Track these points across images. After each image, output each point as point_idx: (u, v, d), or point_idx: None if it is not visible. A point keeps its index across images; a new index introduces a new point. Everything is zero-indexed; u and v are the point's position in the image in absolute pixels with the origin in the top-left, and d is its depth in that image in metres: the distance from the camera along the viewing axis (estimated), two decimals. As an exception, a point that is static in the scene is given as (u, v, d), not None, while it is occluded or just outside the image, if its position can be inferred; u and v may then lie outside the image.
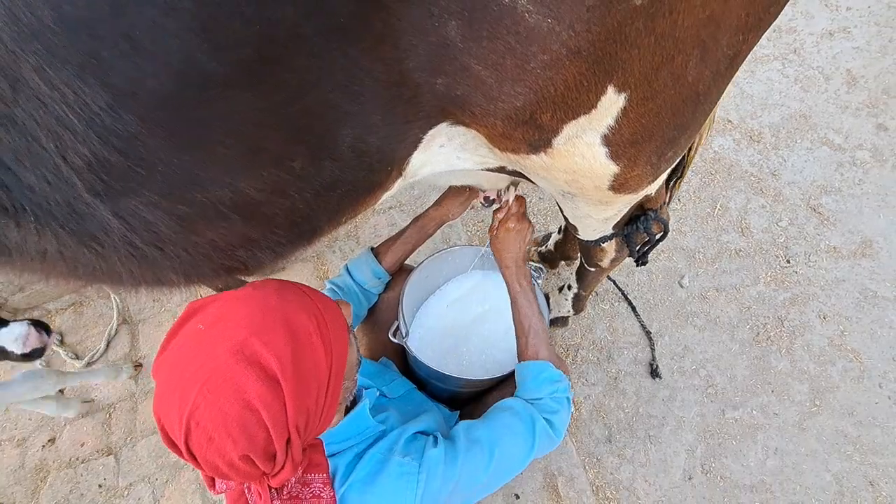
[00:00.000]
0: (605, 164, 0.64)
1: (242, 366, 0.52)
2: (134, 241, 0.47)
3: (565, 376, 0.88)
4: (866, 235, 1.78)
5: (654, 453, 1.52)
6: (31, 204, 0.42)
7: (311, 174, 0.51)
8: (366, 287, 1.12)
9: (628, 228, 1.00)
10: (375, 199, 0.68)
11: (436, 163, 0.69)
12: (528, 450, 0.78)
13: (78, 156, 0.39)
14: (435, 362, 1.05)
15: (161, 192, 0.44)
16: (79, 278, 0.54)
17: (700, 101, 0.62)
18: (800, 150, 1.97)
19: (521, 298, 0.97)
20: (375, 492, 0.69)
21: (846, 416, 1.53)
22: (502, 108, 0.53)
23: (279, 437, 0.53)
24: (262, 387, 0.52)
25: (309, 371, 0.56)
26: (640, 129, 0.60)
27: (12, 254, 0.47)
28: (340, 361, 0.62)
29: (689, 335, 1.67)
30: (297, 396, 0.54)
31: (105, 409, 1.70)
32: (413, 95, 0.52)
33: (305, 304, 0.61)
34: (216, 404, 0.51)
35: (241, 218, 0.51)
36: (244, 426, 0.51)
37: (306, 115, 0.46)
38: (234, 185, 0.46)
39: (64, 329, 1.85)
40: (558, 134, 0.58)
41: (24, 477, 1.62)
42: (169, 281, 0.58)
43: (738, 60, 0.61)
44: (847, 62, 2.14)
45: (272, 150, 0.46)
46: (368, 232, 1.93)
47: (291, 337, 0.55)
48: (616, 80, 0.51)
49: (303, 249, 0.70)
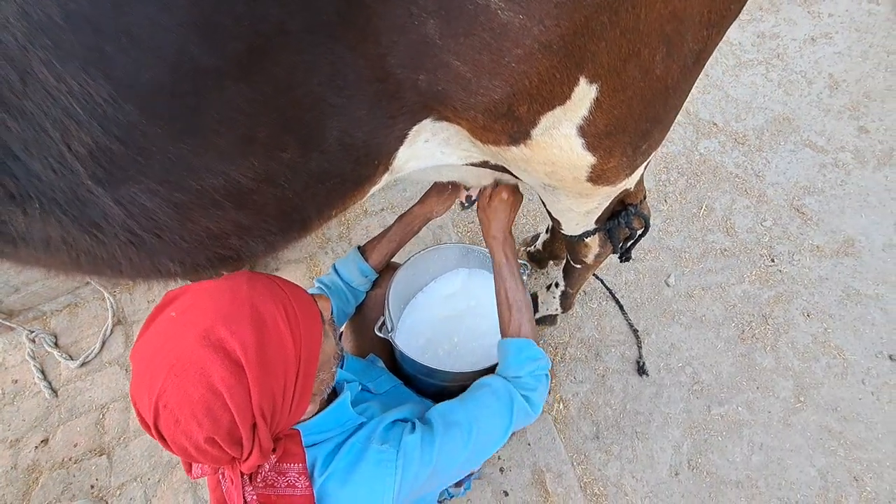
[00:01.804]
0: (581, 154, 0.67)
1: (208, 351, 0.55)
2: (133, 228, 0.50)
3: (545, 354, 0.90)
4: (848, 235, 1.83)
5: (641, 449, 1.54)
6: (37, 192, 0.44)
7: (300, 165, 0.54)
8: (353, 285, 1.15)
9: (610, 223, 1.03)
10: (363, 193, 0.71)
11: (421, 157, 0.72)
12: (505, 427, 0.79)
13: (81, 144, 0.41)
14: (421, 357, 1.07)
15: (159, 179, 0.46)
16: (80, 268, 0.56)
17: (670, 94, 0.65)
18: (783, 152, 2.02)
19: (506, 270, 0.97)
20: (355, 480, 0.70)
21: (830, 412, 1.56)
22: (481, 102, 0.56)
23: (244, 421, 0.56)
24: (225, 372, 0.54)
25: (275, 358, 0.58)
26: (614, 120, 0.63)
27: (17, 243, 0.49)
28: (311, 351, 0.64)
29: (676, 333, 1.70)
30: (262, 382, 0.56)
31: (98, 409, 1.71)
32: (396, 91, 0.55)
33: (274, 294, 0.63)
34: (182, 388, 0.54)
35: (234, 206, 0.53)
36: (209, 409, 0.54)
37: (295, 107, 0.49)
38: (227, 173, 0.49)
39: (58, 331, 1.85)
40: (536, 125, 0.61)
41: (16, 478, 1.62)
42: (166, 270, 0.60)
43: (704, 55, 0.65)
44: (829, 66, 2.21)
45: (263, 140, 0.49)
46: (360, 234, 1.95)
47: (258, 325, 0.58)
48: (587, 72, 0.54)
49: (294, 241, 0.73)
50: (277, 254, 1.90)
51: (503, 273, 0.97)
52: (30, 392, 1.75)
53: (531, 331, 0.92)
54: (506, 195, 1.00)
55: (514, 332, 0.92)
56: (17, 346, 1.82)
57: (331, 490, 0.69)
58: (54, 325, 1.86)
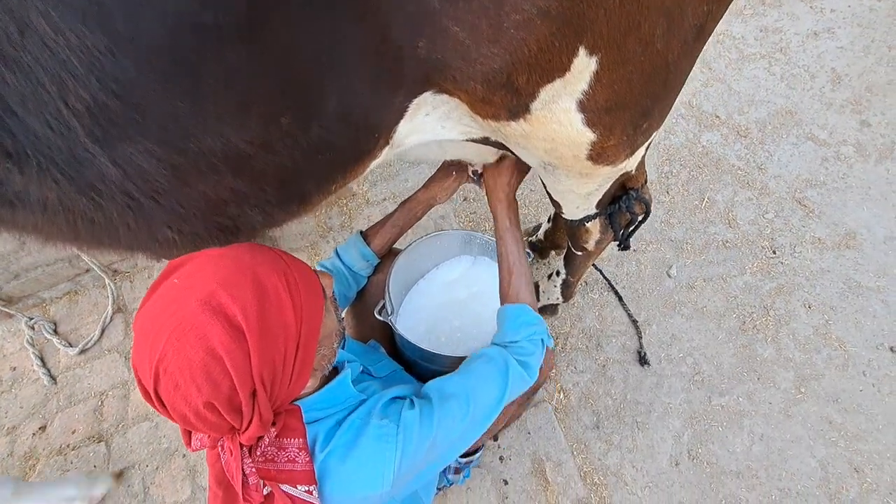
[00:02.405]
0: (581, 131, 0.66)
1: (208, 315, 0.55)
2: (131, 191, 0.49)
3: (543, 319, 0.89)
4: (850, 227, 1.82)
5: (641, 439, 1.54)
6: (34, 150, 0.44)
7: (298, 132, 0.54)
8: (354, 269, 1.14)
9: (611, 208, 1.03)
10: (363, 167, 0.71)
11: (421, 132, 0.72)
12: (500, 395, 0.79)
13: (79, 100, 0.41)
14: (421, 342, 1.06)
15: (156, 139, 0.46)
16: (78, 236, 0.56)
17: (671, 71, 0.65)
18: (785, 145, 2.01)
19: (508, 235, 0.96)
20: (355, 455, 0.70)
21: (831, 403, 1.56)
22: (480, 71, 0.56)
23: (243, 386, 0.55)
24: (225, 336, 0.54)
25: (275, 326, 0.58)
26: (614, 95, 0.63)
27: (14, 205, 0.49)
28: (312, 323, 0.64)
29: (677, 324, 1.70)
30: (262, 349, 0.56)
31: (97, 396, 1.71)
32: (396, 59, 0.55)
33: (277, 265, 0.63)
34: (182, 352, 0.54)
35: (231, 171, 0.53)
36: (208, 373, 0.54)
37: (294, 71, 0.48)
38: (224, 136, 0.49)
39: (58, 318, 1.86)
40: (535, 98, 0.60)
41: (12, 465, 1.62)
42: (164, 238, 0.60)
43: (704, 32, 0.64)
44: (831, 61, 2.20)
45: (261, 104, 0.49)
46: (362, 223, 1.95)
47: (259, 292, 0.58)
48: (587, 42, 0.54)
49: (293, 216, 0.72)
50: (277, 229, 1.89)
51: (506, 237, 0.96)
52: (28, 379, 1.75)
53: (529, 297, 0.92)
54: (512, 156, 0.97)
55: (513, 297, 0.92)
56: (17, 333, 1.82)
57: (332, 466, 0.69)
58: (54, 312, 1.86)
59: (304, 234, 1.97)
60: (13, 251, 1.64)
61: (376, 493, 0.70)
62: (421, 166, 2.08)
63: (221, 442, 0.66)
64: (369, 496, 0.70)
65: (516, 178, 1.00)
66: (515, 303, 0.92)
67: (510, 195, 0.99)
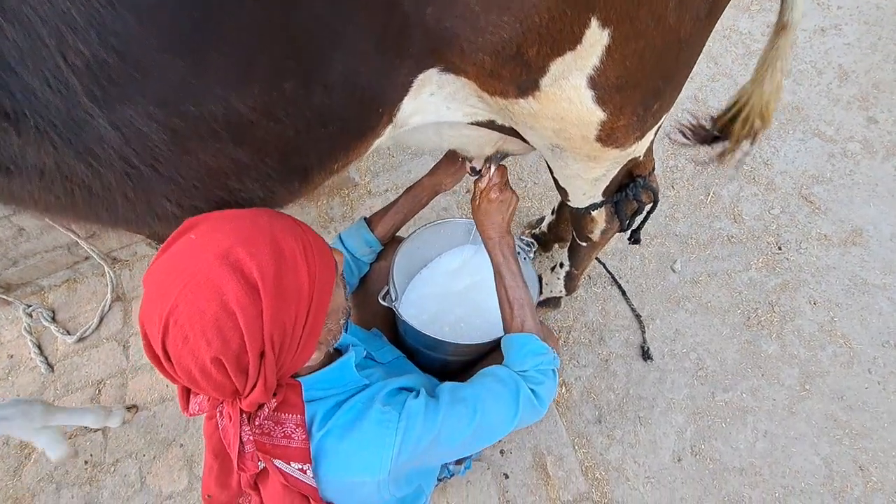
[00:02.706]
0: (591, 109, 0.65)
1: (224, 269, 0.53)
2: (129, 157, 0.48)
3: (551, 349, 0.87)
4: (856, 224, 1.80)
5: (643, 434, 1.52)
6: (33, 111, 0.42)
7: (301, 99, 0.52)
8: (357, 255, 1.13)
9: (618, 196, 1.01)
10: (366, 145, 0.69)
11: (426, 112, 0.70)
12: (511, 415, 0.77)
13: (78, 56, 0.40)
14: (424, 328, 1.05)
15: (156, 100, 0.45)
16: (75, 207, 0.54)
17: (682, 49, 0.63)
18: (792, 141, 1.99)
19: (504, 269, 0.95)
20: (354, 438, 0.69)
21: (836, 401, 1.54)
22: (490, 41, 0.54)
23: (253, 345, 0.54)
24: (241, 291, 0.53)
25: (290, 289, 0.57)
26: (626, 72, 0.61)
27: (11, 172, 0.48)
28: (323, 293, 0.62)
29: (681, 319, 1.68)
30: (275, 309, 0.55)
31: (94, 384, 1.69)
32: (403, 25, 0.53)
33: (295, 231, 0.62)
34: (195, 303, 0.52)
35: (233, 140, 0.52)
36: (219, 328, 0.52)
37: (299, 30, 0.47)
38: (226, 99, 0.47)
39: (56, 306, 1.84)
40: (545, 73, 0.59)
41: (7, 454, 1.61)
42: (163, 211, 0.58)
43: (717, 9, 0.63)
44: (839, 57, 2.18)
45: (265, 65, 0.47)
46: (364, 213, 1.91)
47: (276, 253, 0.56)
48: (599, 13, 0.52)
49: (294, 194, 0.71)
50: (281, 206, 1.88)
51: (502, 272, 0.95)
52: (25, 367, 1.74)
53: (534, 327, 0.89)
54: (494, 195, 0.97)
55: (517, 328, 0.90)
56: (14, 320, 1.81)
57: (328, 446, 0.68)
58: (52, 299, 1.85)
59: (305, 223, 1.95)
60: (12, 237, 1.62)
61: (372, 479, 0.68)
62: (423, 157, 2.06)
63: (221, 407, 0.65)
64: (366, 481, 0.69)
65: (504, 216, 0.99)
66: (520, 333, 0.89)
67: (502, 232, 0.98)
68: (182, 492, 1.49)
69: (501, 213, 0.98)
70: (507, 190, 1.00)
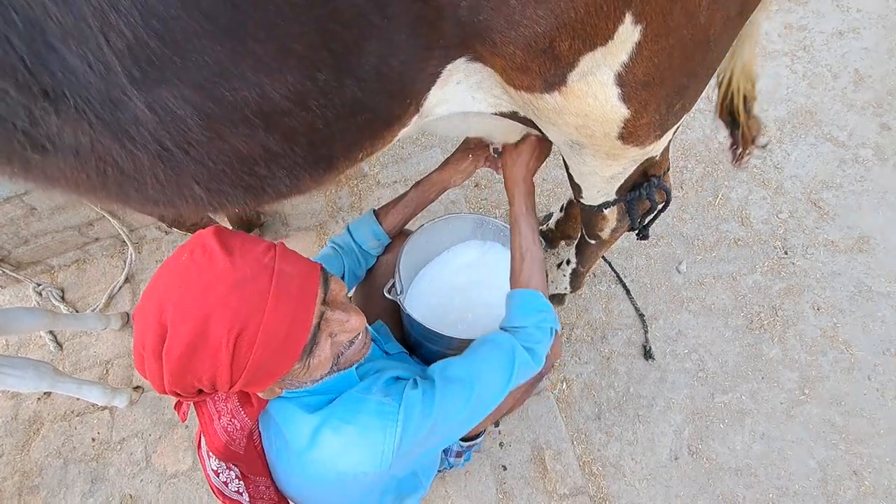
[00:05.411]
0: (616, 106, 0.65)
1: (153, 318, 0.59)
2: (163, 139, 0.48)
3: (552, 307, 0.88)
4: (864, 232, 1.81)
5: (641, 432, 1.54)
6: (72, 90, 0.42)
7: (334, 89, 0.53)
8: (365, 248, 1.13)
9: (631, 195, 1.01)
10: (392, 135, 0.70)
11: (452, 101, 0.70)
12: (505, 381, 0.78)
13: (120, 37, 0.40)
14: (428, 322, 1.05)
15: (193, 84, 0.45)
16: (106, 185, 0.55)
17: (710, 48, 0.63)
18: (803, 145, 1.99)
19: (523, 220, 0.94)
20: (353, 429, 0.68)
21: (834, 406, 1.56)
22: (523, 35, 0.54)
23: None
24: (156, 343, 0.59)
25: (198, 370, 0.60)
26: (653, 69, 0.61)
27: (47, 150, 0.48)
28: (262, 376, 0.63)
29: (684, 319, 1.69)
30: (175, 377, 0.60)
31: (102, 364, 1.71)
32: (437, 17, 0.53)
33: (255, 316, 0.61)
34: (141, 321, 0.60)
35: (264, 127, 0.52)
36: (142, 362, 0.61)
37: (335, 19, 0.47)
38: (260, 87, 0.48)
39: (66, 285, 1.85)
40: (574, 68, 0.59)
41: (15, 429, 1.63)
42: (191, 194, 0.59)
43: (748, 8, 0.62)
44: (855, 62, 2.17)
45: (300, 54, 0.47)
46: (372, 204, 1.94)
47: (196, 333, 0.58)
48: (634, 9, 0.52)
49: (318, 182, 0.71)
50: (289, 206, 1.89)
51: (520, 221, 0.94)
52: (34, 345, 1.76)
53: (541, 283, 0.90)
54: (534, 137, 0.95)
55: (524, 282, 0.90)
56: (24, 298, 1.82)
57: (324, 437, 0.68)
58: (62, 279, 1.86)
59: (313, 213, 1.96)
60: (23, 216, 1.63)
61: (374, 471, 0.68)
62: (433, 149, 2.06)
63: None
64: (368, 472, 0.68)
65: (536, 160, 0.97)
66: (526, 288, 0.90)
67: (527, 178, 0.96)
68: (186, 471, 1.52)
69: (534, 157, 0.96)
70: (547, 140, 0.97)
